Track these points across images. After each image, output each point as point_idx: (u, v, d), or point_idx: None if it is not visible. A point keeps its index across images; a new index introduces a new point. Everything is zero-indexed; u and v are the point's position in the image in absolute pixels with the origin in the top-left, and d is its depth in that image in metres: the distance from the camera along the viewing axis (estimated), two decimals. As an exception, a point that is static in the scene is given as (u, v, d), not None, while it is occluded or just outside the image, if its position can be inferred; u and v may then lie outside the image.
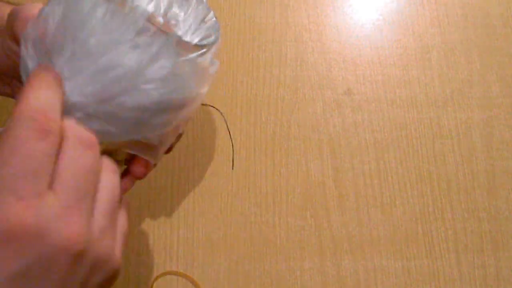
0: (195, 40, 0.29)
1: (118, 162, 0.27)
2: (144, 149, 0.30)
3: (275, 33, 0.61)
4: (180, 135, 0.37)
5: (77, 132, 0.23)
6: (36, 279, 0.19)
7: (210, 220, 0.52)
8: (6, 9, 0.37)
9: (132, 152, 0.30)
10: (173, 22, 0.29)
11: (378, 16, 0.62)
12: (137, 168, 0.32)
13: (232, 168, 0.55)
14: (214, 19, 0.32)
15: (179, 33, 0.28)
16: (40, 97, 0.22)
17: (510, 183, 0.54)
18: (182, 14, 0.30)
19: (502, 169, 0.55)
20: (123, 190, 0.31)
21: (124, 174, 0.33)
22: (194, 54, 0.28)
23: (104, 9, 0.25)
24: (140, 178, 0.33)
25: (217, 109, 0.57)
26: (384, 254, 0.52)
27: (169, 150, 0.38)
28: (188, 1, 0.31)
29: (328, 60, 0.60)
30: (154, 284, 0.49)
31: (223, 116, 0.57)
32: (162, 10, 0.28)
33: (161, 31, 0.27)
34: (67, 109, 0.25)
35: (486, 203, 0.53)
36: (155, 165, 0.35)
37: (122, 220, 0.26)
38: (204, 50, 0.29)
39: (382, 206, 0.53)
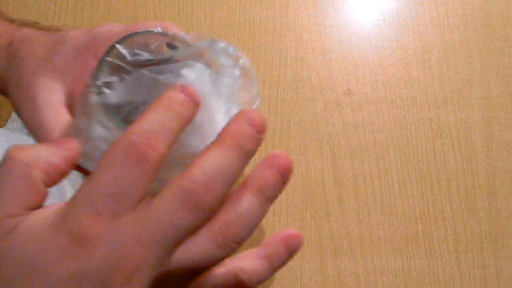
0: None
1: None
2: None
3: (275, 34, 0.61)
4: None
5: (190, 187, 0.21)
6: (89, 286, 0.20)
7: (210, 220, 0.52)
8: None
9: None
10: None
11: (378, 16, 0.62)
12: None
13: (232, 168, 0.55)
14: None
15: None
16: (152, 121, 0.22)
17: (510, 183, 0.54)
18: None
19: (502, 169, 0.55)
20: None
21: None
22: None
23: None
24: None
25: (217, 109, 0.57)
26: (384, 254, 0.52)
27: None
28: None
29: (328, 60, 0.60)
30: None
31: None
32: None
33: None
34: None
35: (486, 203, 0.53)
36: None
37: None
38: None
39: (382, 206, 0.53)
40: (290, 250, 0.25)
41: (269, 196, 0.23)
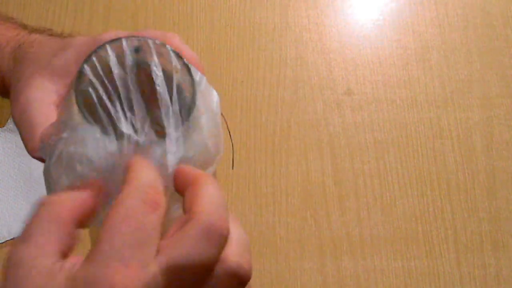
0: None
1: None
2: None
3: (275, 33, 0.61)
4: None
5: (210, 220, 0.23)
6: None
7: (210, 220, 0.52)
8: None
9: None
10: None
11: (378, 16, 0.62)
12: None
13: (232, 168, 0.55)
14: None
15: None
16: (149, 174, 0.24)
17: (510, 183, 0.54)
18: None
19: (502, 169, 0.55)
20: None
21: None
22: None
23: None
24: None
25: (217, 109, 0.57)
26: (384, 254, 0.52)
27: None
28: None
29: (328, 60, 0.60)
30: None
31: (223, 116, 0.57)
32: None
33: None
34: None
35: (486, 203, 0.53)
36: None
37: None
38: None
39: (382, 206, 0.53)
40: None
41: None
